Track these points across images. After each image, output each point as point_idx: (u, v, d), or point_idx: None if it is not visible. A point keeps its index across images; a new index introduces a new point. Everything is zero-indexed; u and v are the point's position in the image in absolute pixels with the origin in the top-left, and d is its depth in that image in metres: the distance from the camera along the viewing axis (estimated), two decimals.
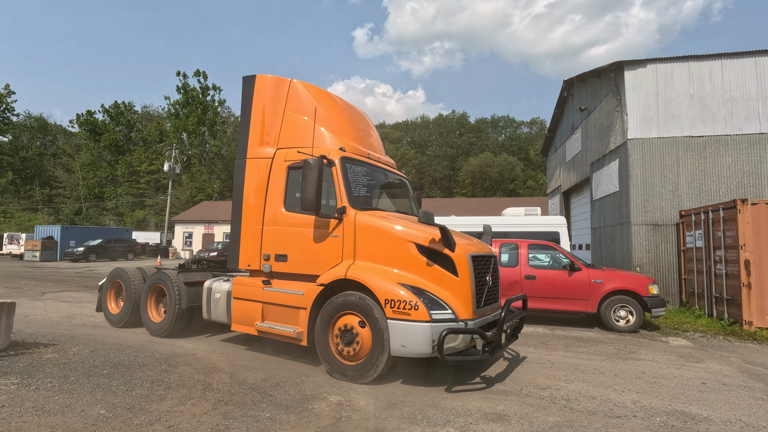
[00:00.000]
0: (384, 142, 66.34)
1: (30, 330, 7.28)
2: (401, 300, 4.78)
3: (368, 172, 6.19)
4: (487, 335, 4.89)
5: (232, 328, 6.23)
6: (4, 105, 64.44)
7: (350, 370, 5.05)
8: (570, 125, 18.84)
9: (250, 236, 6.19)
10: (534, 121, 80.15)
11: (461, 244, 5.17)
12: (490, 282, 5.54)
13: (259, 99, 6.48)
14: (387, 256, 5.16)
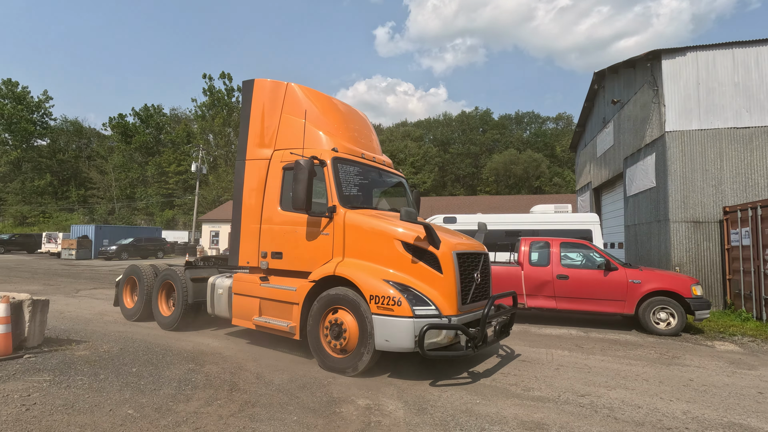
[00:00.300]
0: (406, 140, 65.90)
1: (64, 326, 7.45)
2: (385, 296, 4.92)
3: (361, 171, 6.29)
4: (469, 331, 4.96)
5: (232, 322, 6.49)
6: (43, 110, 67.57)
7: (339, 363, 5.23)
8: (601, 119, 18.13)
9: (249, 235, 6.43)
10: (560, 116, 78.18)
11: (447, 241, 5.25)
12: (478, 279, 5.59)
13: (258, 102, 6.69)
14: (375, 254, 5.32)
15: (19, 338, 5.31)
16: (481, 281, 5.70)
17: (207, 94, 63.79)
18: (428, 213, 34.01)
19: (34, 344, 5.50)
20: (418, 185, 63.33)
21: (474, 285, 5.51)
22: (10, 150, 63.29)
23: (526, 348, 6.95)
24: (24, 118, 63.72)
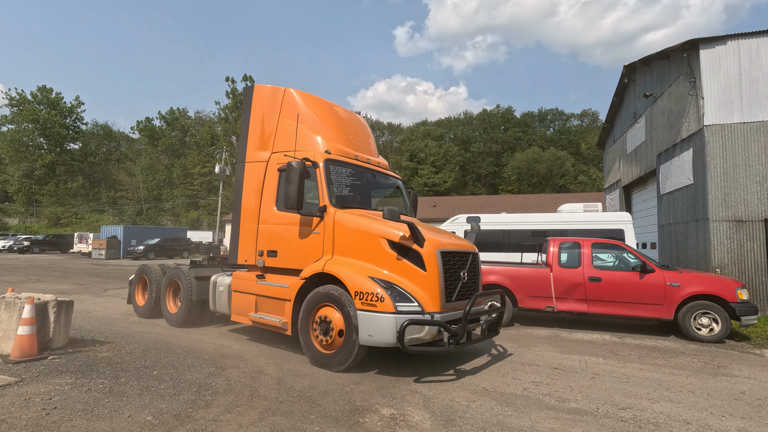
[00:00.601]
0: (426, 139, 65.26)
1: (90, 326, 7.52)
2: (369, 292, 5.04)
3: (354, 173, 6.44)
4: (450, 328, 5.06)
5: (231, 318, 6.78)
6: (75, 115, 70.15)
7: (327, 358, 5.37)
8: (631, 114, 17.39)
9: (247, 234, 6.70)
10: (585, 113, 76.15)
11: (431, 240, 5.34)
12: (465, 278, 5.68)
13: (257, 107, 7.02)
14: (362, 251, 5.48)
15: (44, 339, 5.33)
16: (469, 280, 5.79)
17: (230, 97, 64.90)
18: (450, 212, 33.53)
19: (59, 345, 5.51)
20: (439, 184, 62.79)
21: (460, 283, 5.60)
22: (45, 154, 65.96)
23: (557, 354, 6.60)
24: (57, 123, 66.29)
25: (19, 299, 5.27)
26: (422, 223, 6.41)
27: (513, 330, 8.50)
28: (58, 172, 66.38)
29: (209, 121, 75.15)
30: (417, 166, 65.27)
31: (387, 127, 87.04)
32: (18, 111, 65.25)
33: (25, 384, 4.30)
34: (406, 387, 4.85)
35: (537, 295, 8.65)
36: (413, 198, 7.76)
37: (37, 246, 37.98)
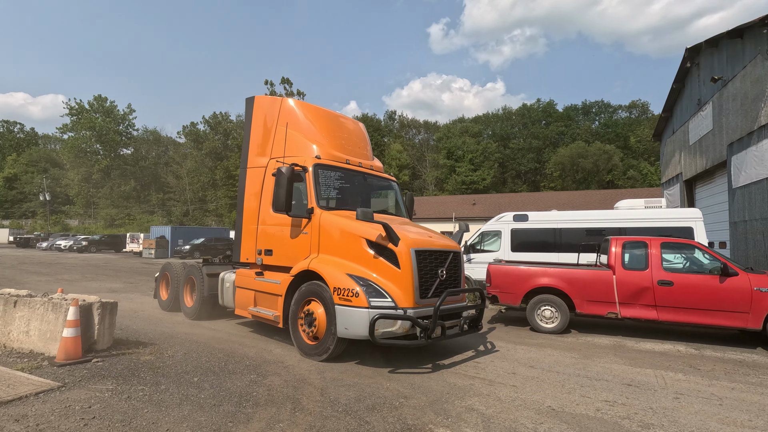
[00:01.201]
0: (464, 136, 63.84)
1: (136, 326, 7.55)
2: (346, 288, 5.39)
3: (343, 176, 6.84)
4: (421, 323, 5.29)
5: (235, 312, 7.41)
6: (127, 122, 74.31)
7: (311, 349, 5.77)
8: (695, 101, 15.92)
9: (248, 234, 7.22)
10: (634, 104, 71.95)
11: (407, 239, 5.60)
12: (444, 275, 5.89)
13: (258, 116, 7.55)
14: (344, 250, 5.84)
15: (89, 341, 5.28)
16: (448, 277, 6.00)
17: None
18: (491, 211, 32.47)
19: (104, 347, 5.46)
20: (477, 182, 61.31)
21: (438, 280, 5.82)
22: (101, 159, 70.26)
23: (627, 368, 5.89)
24: (112, 130, 70.45)
25: (65, 300, 5.26)
26: (412, 223, 7.03)
27: (570, 338, 7.79)
28: (113, 176, 70.44)
29: None
30: (454, 164, 64.06)
31: (423, 125, 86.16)
32: (77, 120, 69.86)
33: (67, 389, 4.19)
34: (460, 403, 4.38)
35: (597, 300, 7.88)
36: (409, 198, 8.10)
37: (93, 246, 40.34)
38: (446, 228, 33.20)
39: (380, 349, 6.41)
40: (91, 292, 12.32)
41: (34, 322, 5.21)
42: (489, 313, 10.23)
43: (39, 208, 73.15)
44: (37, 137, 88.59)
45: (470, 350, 6.63)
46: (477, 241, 12.20)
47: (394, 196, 7.74)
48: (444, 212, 34.46)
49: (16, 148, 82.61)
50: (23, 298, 5.36)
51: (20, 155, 78.79)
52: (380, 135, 71.59)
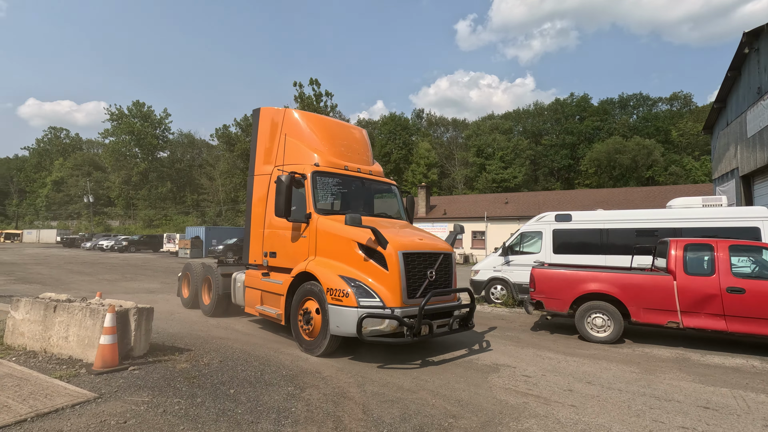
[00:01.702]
0: (494, 133, 62.38)
1: (172, 330, 7.50)
2: (338, 288, 5.71)
3: (341, 182, 7.18)
4: (407, 321, 5.55)
5: (245, 310, 7.86)
6: (163, 126, 77.02)
7: (309, 345, 6.16)
8: (753, 89, 14.68)
9: (256, 238, 7.67)
10: (675, 96, 68.42)
11: (395, 241, 5.85)
12: (433, 276, 6.12)
13: (263, 126, 7.96)
14: (338, 253, 6.16)
15: (126, 348, 5.19)
16: (438, 278, 6.22)
17: (298, 101, 67.10)
18: (524, 210, 31.44)
19: (140, 353, 5.37)
20: (508, 180, 59.81)
21: (426, 281, 6.03)
22: (139, 162, 73.15)
23: (698, 386, 5.28)
24: (149, 134, 73.20)
25: (103, 306, 5.18)
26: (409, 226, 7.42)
27: (626, 348, 7.18)
28: (150, 178, 73.20)
29: None
30: (484, 162, 62.74)
31: (451, 123, 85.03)
32: (117, 125, 72.98)
33: (103, 401, 4.06)
34: (516, 426, 3.96)
35: (656, 308, 7.22)
36: (410, 201, 8.36)
37: (133, 245, 41.90)
38: (478, 227, 32.39)
39: (415, 354, 6.08)
40: (129, 293, 12.58)
41: (72, 328, 5.16)
42: (530, 319, 9.68)
43: (83, 210, 76.94)
44: (81, 142, 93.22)
45: (516, 360, 6.18)
46: (516, 242, 11.63)
47: (394, 199, 8.05)
48: (475, 211, 33.65)
49: (63, 153, 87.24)
50: (62, 303, 5.34)
51: (66, 159, 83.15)
52: (408, 134, 71.11)
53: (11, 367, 4.71)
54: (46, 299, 5.58)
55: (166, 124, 77.22)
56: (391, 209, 7.90)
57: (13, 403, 3.77)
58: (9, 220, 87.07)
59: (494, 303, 11.61)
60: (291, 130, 7.53)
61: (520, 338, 7.77)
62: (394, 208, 7.97)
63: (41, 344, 5.34)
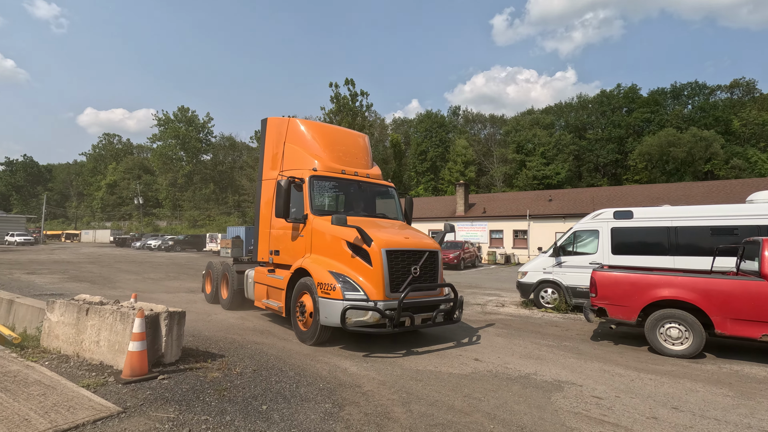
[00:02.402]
0: (534, 128, 60.06)
1: (208, 333, 7.27)
2: (327, 283, 6.17)
3: (338, 185, 7.75)
4: (387, 313, 5.95)
5: (255, 303, 8.47)
6: (206, 129, 79.85)
7: (304, 334, 6.64)
8: None
9: (263, 237, 8.36)
10: (736, 83, 63.18)
11: (379, 239, 6.25)
12: (417, 272, 6.51)
13: (270, 135, 8.67)
14: (329, 250, 6.65)
15: (156, 354, 4.91)
16: (422, 274, 6.62)
17: (334, 101, 67.57)
18: (570, 207, 29.77)
19: (171, 360, 5.08)
20: (550, 177, 57.31)
21: (410, 277, 6.42)
22: (184, 165, 76.21)
23: None
24: (193, 137, 76.10)
25: (133, 310, 4.93)
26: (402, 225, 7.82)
27: (709, 365, 6.21)
28: (195, 180, 76.08)
29: None
30: (525, 158, 60.53)
31: (489, 119, 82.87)
32: (164, 129, 76.41)
33: (127, 417, 3.73)
34: None
35: (747, 318, 6.19)
36: (408, 202, 8.82)
37: (178, 245, 43.49)
38: (520, 226, 31.02)
39: (461, 359, 5.45)
40: (171, 292, 12.67)
41: (103, 332, 4.95)
42: (589, 327, 8.77)
43: (134, 211, 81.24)
44: (132, 147, 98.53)
45: (581, 377, 5.40)
46: (568, 241, 10.68)
47: (392, 200, 8.47)
48: (516, 209, 32.23)
49: (116, 157, 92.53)
50: (94, 306, 5.14)
51: (119, 164, 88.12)
52: (444, 131, 69.84)
53: (42, 373, 4.53)
54: (79, 301, 5.43)
55: (209, 128, 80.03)
56: (389, 210, 8.34)
57: (34, 416, 3.51)
58: (69, 221, 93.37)
59: (545, 308, 10.73)
60: (294, 138, 8.17)
61: (580, 350, 6.95)
62: (392, 208, 8.41)
63: (74, 348, 5.17)
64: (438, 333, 7.88)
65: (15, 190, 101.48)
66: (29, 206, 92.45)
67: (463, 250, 25.16)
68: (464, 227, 33.63)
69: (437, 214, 35.70)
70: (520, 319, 9.53)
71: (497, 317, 9.80)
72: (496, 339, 7.55)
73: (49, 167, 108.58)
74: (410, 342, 7.09)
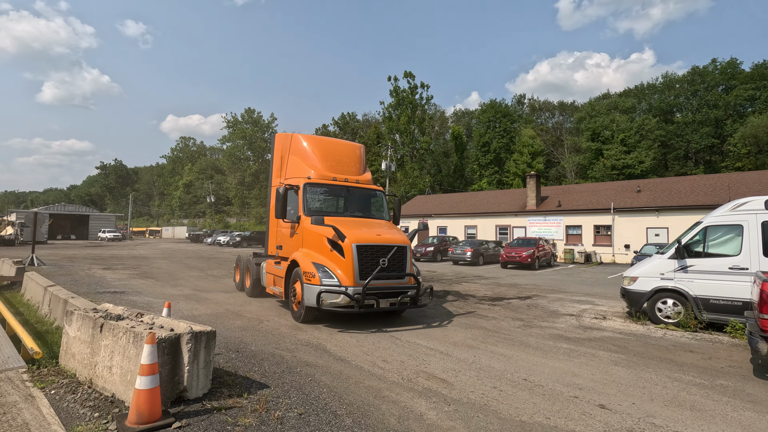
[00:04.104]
0: (612, 113, 54.41)
1: (253, 347, 6.19)
2: (309, 272, 7.60)
3: (328, 190, 9.16)
4: (354, 297, 7.29)
5: (266, 290, 10.00)
6: (271, 129, 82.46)
7: (295, 314, 8.13)
8: None
9: (272, 235, 10.02)
10: None
11: (351, 236, 7.56)
12: (385, 263, 7.67)
13: (277, 148, 10.32)
14: (314, 245, 8.07)
15: (177, 388, 3.80)
16: (390, 265, 7.78)
17: (393, 95, 66.34)
18: (667, 199, 25.80)
19: (197, 394, 3.95)
20: (633, 166, 51.48)
21: (379, 267, 7.59)
22: (251, 164, 79.34)
23: None
24: (259, 137, 78.94)
25: (150, 328, 3.84)
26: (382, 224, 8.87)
27: None
28: (261, 178, 78.91)
29: (375, 121, 78.88)
30: (601, 147, 55.06)
31: (557, 107, 77.16)
32: (233, 131, 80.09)
33: None
34: None
35: None
36: (396, 203, 10.29)
37: (245, 241, 44.77)
38: (602, 221, 27.57)
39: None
40: (228, 291, 12.06)
41: (116, 356, 3.94)
42: (742, 355, 6.53)
43: (207, 209, 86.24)
44: (205, 149, 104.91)
45: None
46: (696, 239, 8.33)
47: (380, 202, 9.58)
48: (597, 202, 28.72)
49: (191, 159, 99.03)
50: (109, 321, 4.15)
51: (194, 165, 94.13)
52: (509, 121, 65.72)
53: (38, 409, 3.59)
54: (97, 313, 4.49)
55: (272, 128, 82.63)
56: (378, 210, 9.51)
57: None
58: (153, 218, 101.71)
59: (664, 323, 8.47)
60: (295, 150, 9.70)
61: (751, 394, 4.90)
62: (381, 209, 9.56)
63: (88, 372, 4.24)
64: (545, 355, 6.15)
65: (108, 191, 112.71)
66: (119, 205, 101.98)
67: (538, 247, 22.67)
68: (536, 222, 30.75)
69: (505, 208, 33.07)
70: (636, 339, 7.47)
71: (603, 334, 7.82)
72: (614, 370, 5.69)
73: (135, 170, 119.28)
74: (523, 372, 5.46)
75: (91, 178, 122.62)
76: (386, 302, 7.63)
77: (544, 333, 7.83)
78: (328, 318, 8.27)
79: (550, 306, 10.84)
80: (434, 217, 38.05)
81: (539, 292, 13.46)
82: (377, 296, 7.52)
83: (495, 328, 8.19)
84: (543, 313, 9.81)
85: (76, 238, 59.54)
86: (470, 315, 9.42)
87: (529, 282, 16.32)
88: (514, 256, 21.99)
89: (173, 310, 9.29)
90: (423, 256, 26.49)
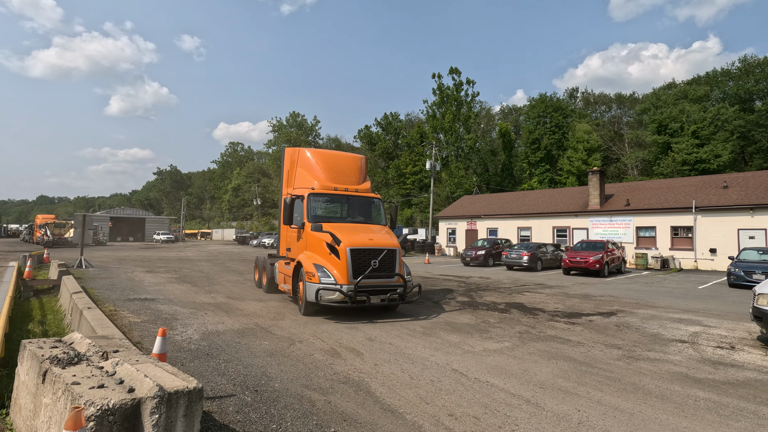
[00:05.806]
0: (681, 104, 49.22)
1: (279, 384, 4.78)
2: (310, 272, 8.62)
3: (329, 199, 10.31)
4: (347, 293, 8.28)
5: (278, 287, 11.51)
6: (314, 132, 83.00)
7: (300, 308, 9.09)
8: None
9: (283, 238, 11.38)
10: None
11: (346, 240, 8.61)
12: (376, 264, 8.66)
13: (287, 161, 11.77)
14: (315, 249, 9.15)
15: None
16: (381, 266, 8.76)
17: (436, 93, 64.27)
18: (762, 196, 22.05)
19: None
20: (707, 161, 46.16)
21: (370, 268, 8.58)
22: None
23: None
24: (303, 140, 79.54)
25: (103, 386, 2.45)
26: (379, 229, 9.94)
27: None
28: None
29: (418, 121, 77.05)
30: (669, 140, 49.99)
31: (615, 100, 71.58)
32: (278, 135, 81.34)
33: None
34: None
35: None
36: (393, 209, 11.79)
37: None
38: (681, 221, 24.15)
39: None
40: (263, 300, 10.75)
41: (53, 426, 2.59)
42: None
43: (254, 211, 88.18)
44: (252, 153, 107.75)
45: None
46: None
47: (377, 209, 10.79)
48: (673, 200, 25.25)
49: (239, 163, 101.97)
50: (53, 369, 2.82)
51: (242, 169, 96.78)
52: (561, 115, 61.51)
53: None
54: (39, 355, 3.15)
55: (316, 131, 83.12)
56: (376, 216, 10.61)
57: None
58: (204, 221, 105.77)
59: None
60: (302, 163, 10.84)
61: None
62: (379, 215, 10.65)
63: None
64: None
65: (164, 195, 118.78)
66: (174, 209, 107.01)
67: (607, 251, 19.96)
68: (600, 223, 27.69)
69: (563, 208, 30.17)
70: None
71: (745, 375, 5.71)
72: None
73: (189, 174, 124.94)
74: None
75: (150, 184, 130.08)
76: (377, 299, 8.64)
77: (658, 370, 5.85)
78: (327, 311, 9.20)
79: (646, 327, 8.68)
80: (483, 218, 35.66)
81: (622, 306, 11.21)
82: (368, 293, 8.54)
83: (587, 359, 6.30)
84: (642, 338, 7.73)
85: (133, 240, 62.52)
86: (547, 338, 7.54)
87: (604, 293, 13.97)
88: (580, 262, 19.46)
89: (199, 323, 8.16)
90: (473, 260, 24.42)
